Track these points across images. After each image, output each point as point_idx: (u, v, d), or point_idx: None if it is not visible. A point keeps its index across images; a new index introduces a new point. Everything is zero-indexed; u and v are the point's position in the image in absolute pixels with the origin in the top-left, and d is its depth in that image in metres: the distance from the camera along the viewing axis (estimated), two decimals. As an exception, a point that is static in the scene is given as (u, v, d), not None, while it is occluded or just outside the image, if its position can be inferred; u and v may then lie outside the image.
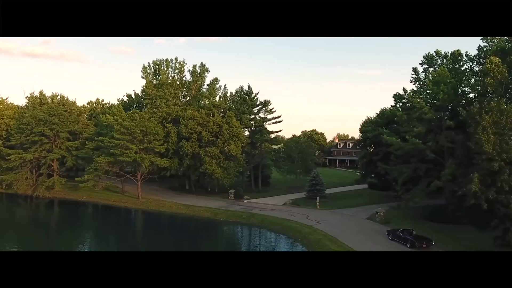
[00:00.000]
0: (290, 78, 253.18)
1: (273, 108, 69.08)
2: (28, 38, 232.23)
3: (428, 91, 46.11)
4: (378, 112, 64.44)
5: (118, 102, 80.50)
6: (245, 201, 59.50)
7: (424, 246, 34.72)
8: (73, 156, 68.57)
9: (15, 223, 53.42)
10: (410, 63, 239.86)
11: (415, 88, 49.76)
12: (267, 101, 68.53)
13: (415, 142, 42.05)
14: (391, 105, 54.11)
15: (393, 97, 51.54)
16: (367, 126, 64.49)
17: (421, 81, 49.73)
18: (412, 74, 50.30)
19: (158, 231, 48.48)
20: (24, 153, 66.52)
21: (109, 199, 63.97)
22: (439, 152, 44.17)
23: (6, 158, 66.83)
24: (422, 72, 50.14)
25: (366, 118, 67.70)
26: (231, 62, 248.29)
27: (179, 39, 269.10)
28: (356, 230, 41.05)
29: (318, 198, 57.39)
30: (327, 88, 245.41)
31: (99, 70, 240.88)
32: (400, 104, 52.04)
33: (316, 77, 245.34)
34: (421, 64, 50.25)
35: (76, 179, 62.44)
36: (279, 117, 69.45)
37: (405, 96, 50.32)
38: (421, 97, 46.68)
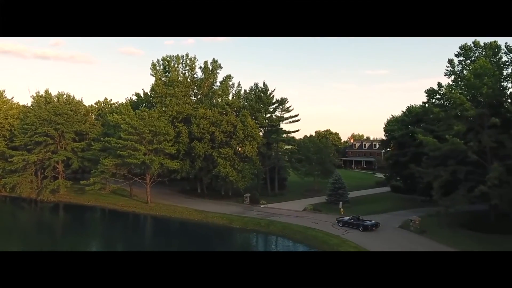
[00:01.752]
0: (295, 78, 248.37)
1: (290, 107, 64.77)
2: (39, 39, 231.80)
3: (466, 85, 41.52)
4: (404, 110, 59.74)
5: (126, 101, 76.90)
6: (261, 206, 55.28)
7: (374, 229, 41.05)
8: (79, 157, 65.08)
9: (18, 229, 49.92)
10: (411, 62, 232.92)
11: (450, 82, 45.25)
12: (284, 98, 64.23)
13: (455, 142, 37.46)
14: (423, 102, 49.42)
15: (426, 92, 46.87)
16: (393, 125, 59.92)
17: (457, 74, 45.20)
18: (447, 67, 45.77)
19: (169, 240, 44.30)
20: (27, 154, 63.16)
21: (116, 203, 60.28)
22: (480, 153, 39.61)
23: (9, 160, 63.53)
24: (458, 64, 45.70)
25: (391, 116, 63.21)
26: (237, 63, 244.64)
27: (188, 40, 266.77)
28: (392, 242, 36.51)
29: (341, 203, 53.05)
30: (334, 88, 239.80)
31: (109, 72, 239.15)
32: (433, 100, 47.33)
33: (322, 77, 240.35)
34: (457, 55, 45.72)
35: (82, 182, 58.84)
36: (296, 115, 65.02)
37: (440, 91, 45.67)
38: (459, 92, 42.15)
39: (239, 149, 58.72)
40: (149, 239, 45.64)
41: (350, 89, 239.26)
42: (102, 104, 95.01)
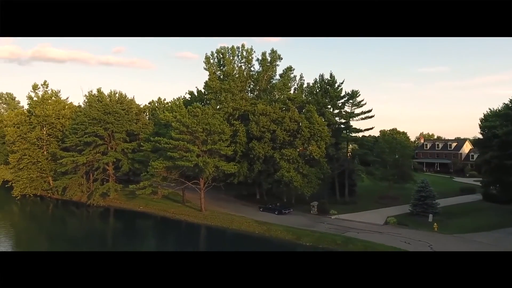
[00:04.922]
0: (349, 77, 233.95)
1: (362, 101, 55.85)
2: (104, 48, 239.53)
3: None
4: (507, 102, 48.64)
5: (178, 99, 71.96)
6: (332, 217, 47.04)
7: (287, 212, 49.02)
8: (129, 159, 60.58)
9: (68, 237, 45.74)
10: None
11: None
12: (355, 91, 55.44)
13: None
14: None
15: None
16: (493, 120, 49.13)
17: None
18: None
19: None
20: (77, 155, 59.59)
21: (168, 210, 54.83)
22: None
23: (58, 161, 60.47)
24: None
25: (488, 110, 52.25)
26: (289, 63, 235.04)
27: (241, 42, 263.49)
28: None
29: (431, 215, 43.73)
30: (387, 87, 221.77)
31: (166, 76, 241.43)
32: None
33: (372, 76, 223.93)
34: None
35: (131, 186, 53.90)
36: (369, 111, 55.95)
37: None
38: None
39: (300, 148, 50.97)
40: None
41: (404, 88, 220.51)
42: (156, 104, 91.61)
